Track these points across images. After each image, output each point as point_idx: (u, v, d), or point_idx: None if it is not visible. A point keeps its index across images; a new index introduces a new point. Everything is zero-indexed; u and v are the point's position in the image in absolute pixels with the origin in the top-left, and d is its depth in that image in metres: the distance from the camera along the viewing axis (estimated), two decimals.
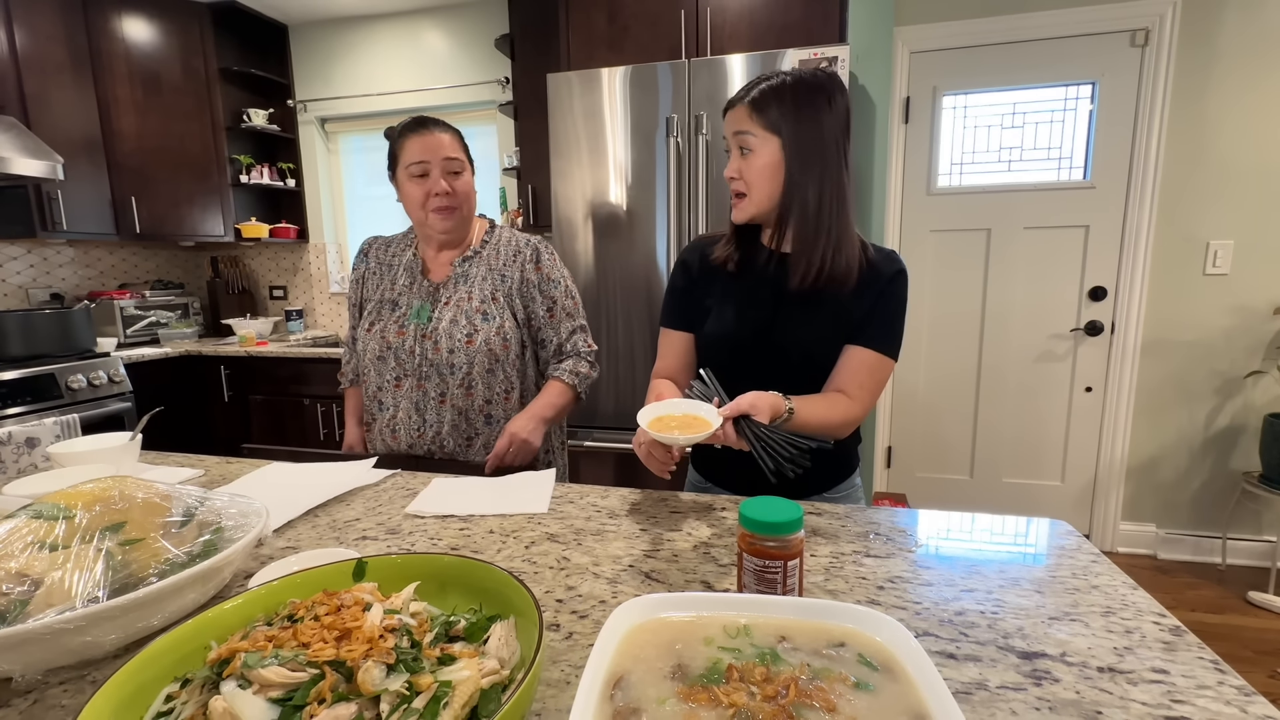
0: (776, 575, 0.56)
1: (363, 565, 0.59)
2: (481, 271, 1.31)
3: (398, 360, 1.28)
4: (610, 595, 0.66)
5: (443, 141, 1.24)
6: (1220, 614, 2.26)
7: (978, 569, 0.71)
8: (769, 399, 0.84)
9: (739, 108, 0.98)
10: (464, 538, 0.82)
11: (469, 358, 1.25)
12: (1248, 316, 2.45)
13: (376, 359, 1.30)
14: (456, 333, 1.25)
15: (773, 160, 0.97)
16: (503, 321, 1.28)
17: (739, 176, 0.99)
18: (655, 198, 2.11)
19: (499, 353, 1.28)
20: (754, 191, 0.98)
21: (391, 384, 1.30)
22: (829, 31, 2.06)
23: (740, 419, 0.81)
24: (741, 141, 0.97)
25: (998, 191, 2.66)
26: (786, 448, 0.79)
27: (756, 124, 0.96)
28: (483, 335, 1.26)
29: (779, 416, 0.85)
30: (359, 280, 1.40)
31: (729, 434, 0.81)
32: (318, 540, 0.82)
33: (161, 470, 1.12)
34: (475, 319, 1.27)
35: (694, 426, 0.81)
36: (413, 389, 1.28)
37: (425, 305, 1.29)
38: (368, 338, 1.31)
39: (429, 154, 1.23)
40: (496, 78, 3.13)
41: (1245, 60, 2.35)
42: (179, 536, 0.64)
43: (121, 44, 2.91)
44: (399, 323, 1.29)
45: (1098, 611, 0.62)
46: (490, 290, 1.30)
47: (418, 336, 1.27)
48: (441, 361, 1.26)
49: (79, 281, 3.18)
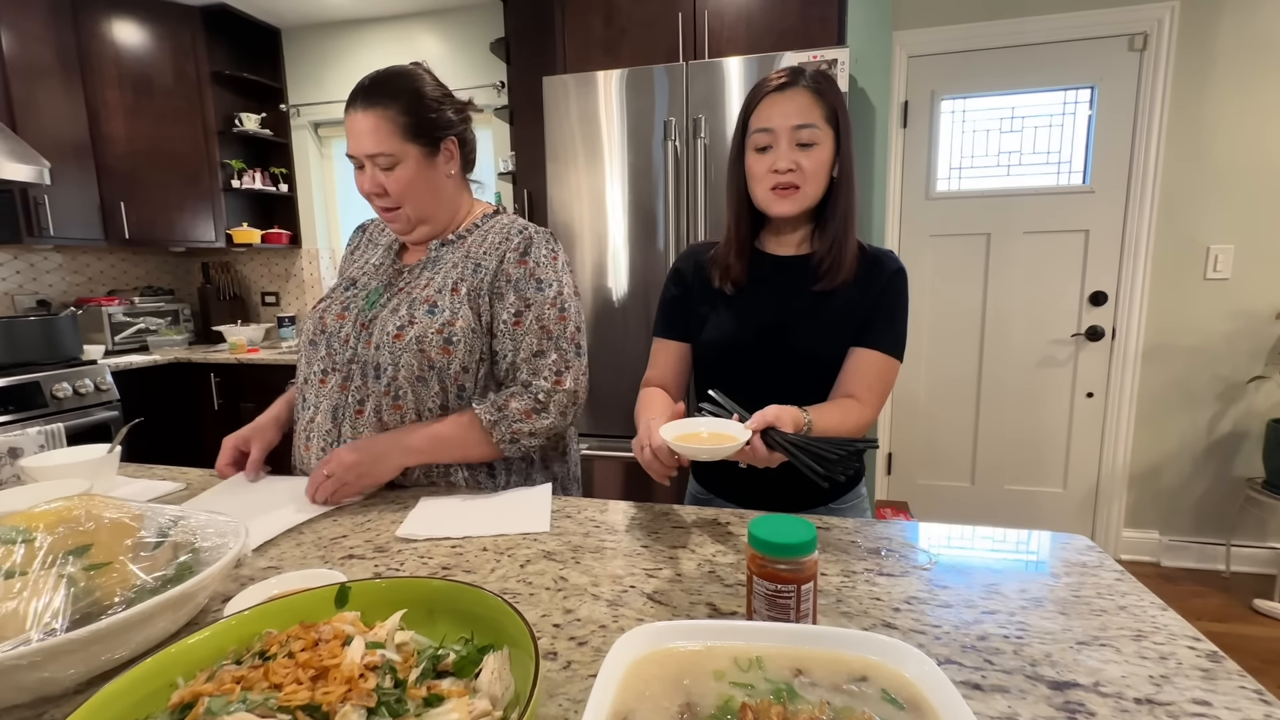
0: (789, 600, 0.53)
1: (345, 591, 0.55)
2: (456, 257, 1.05)
3: (329, 349, 1.04)
4: (611, 620, 0.62)
5: (364, 132, 0.96)
6: (1226, 622, 2.23)
7: (997, 588, 0.67)
8: (790, 411, 0.80)
9: (797, 94, 0.92)
10: (456, 556, 0.78)
11: (394, 357, 0.98)
12: (1249, 321, 2.43)
13: (309, 343, 1.07)
14: (390, 324, 1.00)
15: (830, 155, 0.94)
16: (453, 318, 0.99)
17: (796, 168, 0.93)
18: (654, 202, 2.08)
19: (435, 357, 0.98)
20: (810, 185, 0.94)
21: (316, 377, 1.05)
22: (827, 34, 2.04)
23: (768, 431, 0.77)
24: (805, 136, 0.92)
25: (997, 196, 2.64)
26: (833, 450, 0.74)
27: (819, 114, 0.92)
28: (416, 330, 0.98)
29: (799, 429, 0.82)
30: (345, 258, 1.22)
31: (759, 448, 0.76)
32: (302, 560, 0.78)
33: (142, 483, 1.08)
34: (418, 310, 1.00)
35: (720, 443, 0.77)
36: (335, 389, 1.03)
37: (378, 289, 1.07)
38: (308, 316, 1.10)
39: (355, 147, 0.98)
40: (492, 82, 3.11)
41: (1243, 64, 2.34)
42: (150, 559, 0.60)
43: (111, 47, 2.87)
44: (344, 304, 1.07)
45: (1128, 635, 0.58)
46: (455, 279, 1.02)
47: (357, 325, 1.03)
48: (369, 359, 1.00)
49: (66, 288, 3.12)
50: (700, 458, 0.76)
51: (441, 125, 1.02)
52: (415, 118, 0.99)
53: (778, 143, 0.93)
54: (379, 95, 0.97)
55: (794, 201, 0.95)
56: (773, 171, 0.94)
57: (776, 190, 0.95)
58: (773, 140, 0.93)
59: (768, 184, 0.95)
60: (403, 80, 0.99)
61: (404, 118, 0.98)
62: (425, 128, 1.00)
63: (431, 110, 1.01)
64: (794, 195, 0.94)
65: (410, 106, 0.99)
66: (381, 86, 0.98)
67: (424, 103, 1.00)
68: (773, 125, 0.93)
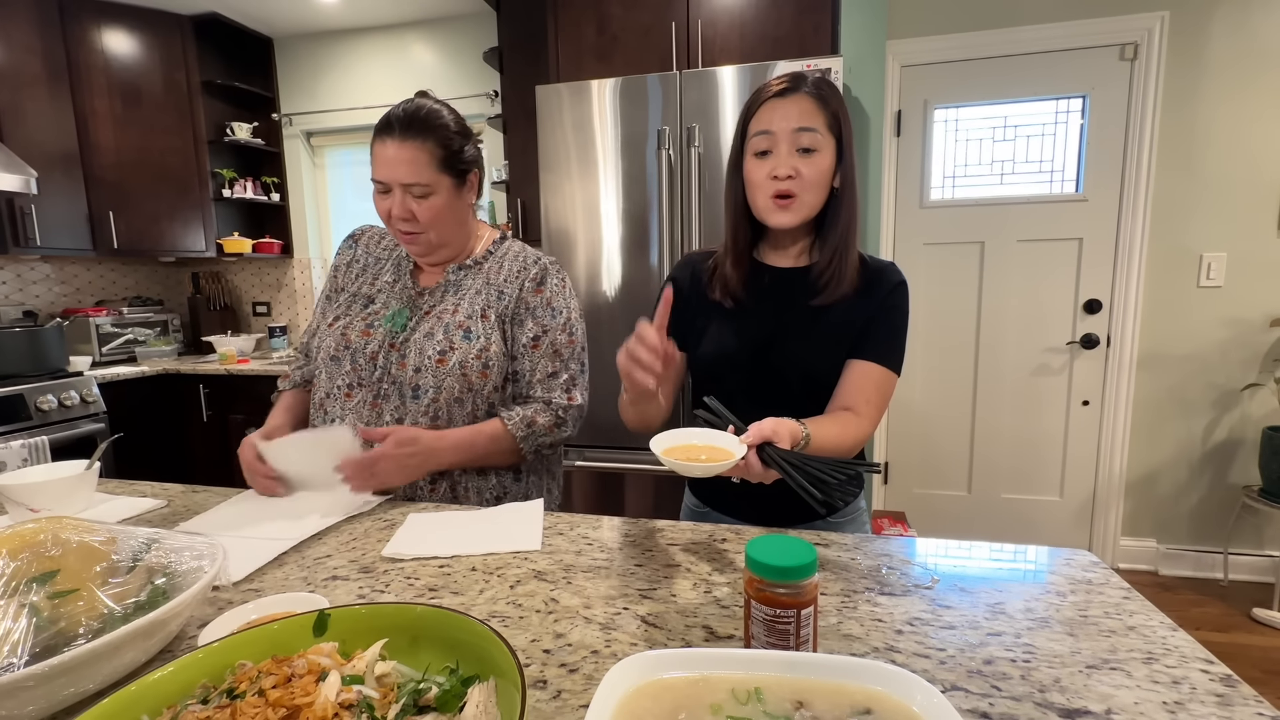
0: (789, 625, 0.51)
1: (325, 618, 0.52)
2: (477, 284, 1.12)
3: (354, 365, 1.08)
4: (603, 645, 0.60)
5: (401, 161, 1.01)
6: (1226, 632, 2.22)
7: (1001, 608, 0.65)
8: (788, 425, 0.78)
9: (799, 99, 0.90)
10: (444, 576, 0.75)
11: (437, 381, 1.05)
12: (1243, 329, 2.44)
13: (330, 358, 1.09)
14: (429, 348, 1.05)
15: (831, 164, 0.92)
16: (488, 344, 1.07)
17: (796, 175, 0.91)
18: (648, 212, 2.07)
19: (475, 380, 1.06)
20: (809, 194, 0.92)
21: (342, 392, 1.08)
22: (820, 43, 2.04)
23: (763, 447, 0.75)
24: (806, 141, 0.90)
25: (990, 204, 2.65)
26: (831, 473, 0.71)
27: (821, 120, 0.90)
28: (459, 355, 1.05)
29: (797, 443, 0.79)
30: (340, 268, 1.21)
31: (753, 465, 0.73)
32: (283, 581, 0.75)
33: (121, 501, 1.04)
34: (454, 335, 1.07)
35: (713, 457, 0.74)
36: (365, 405, 1.07)
37: (404, 310, 1.11)
38: (327, 333, 1.11)
39: (387, 174, 1.03)
40: (485, 91, 3.10)
41: (1232, 73, 2.36)
42: (121, 586, 0.58)
43: (100, 56, 2.85)
44: (368, 322, 1.10)
45: (1138, 658, 0.56)
46: (482, 305, 1.10)
47: (385, 344, 1.07)
48: (405, 380, 1.06)
49: (54, 298, 3.08)
50: (691, 474, 0.73)
51: (468, 159, 1.09)
52: (448, 151, 1.05)
53: (777, 147, 0.91)
54: (419, 129, 1.03)
55: (792, 212, 0.92)
56: (772, 178, 0.91)
57: (775, 200, 0.92)
58: (772, 144, 0.91)
59: (767, 191, 0.92)
60: (437, 116, 1.05)
61: (440, 151, 1.04)
62: (456, 161, 1.07)
63: (461, 145, 1.07)
64: (792, 205, 0.92)
65: (445, 140, 1.05)
66: (420, 121, 1.03)
67: (456, 137, 1.07)
68: (773, 129, 0.91)
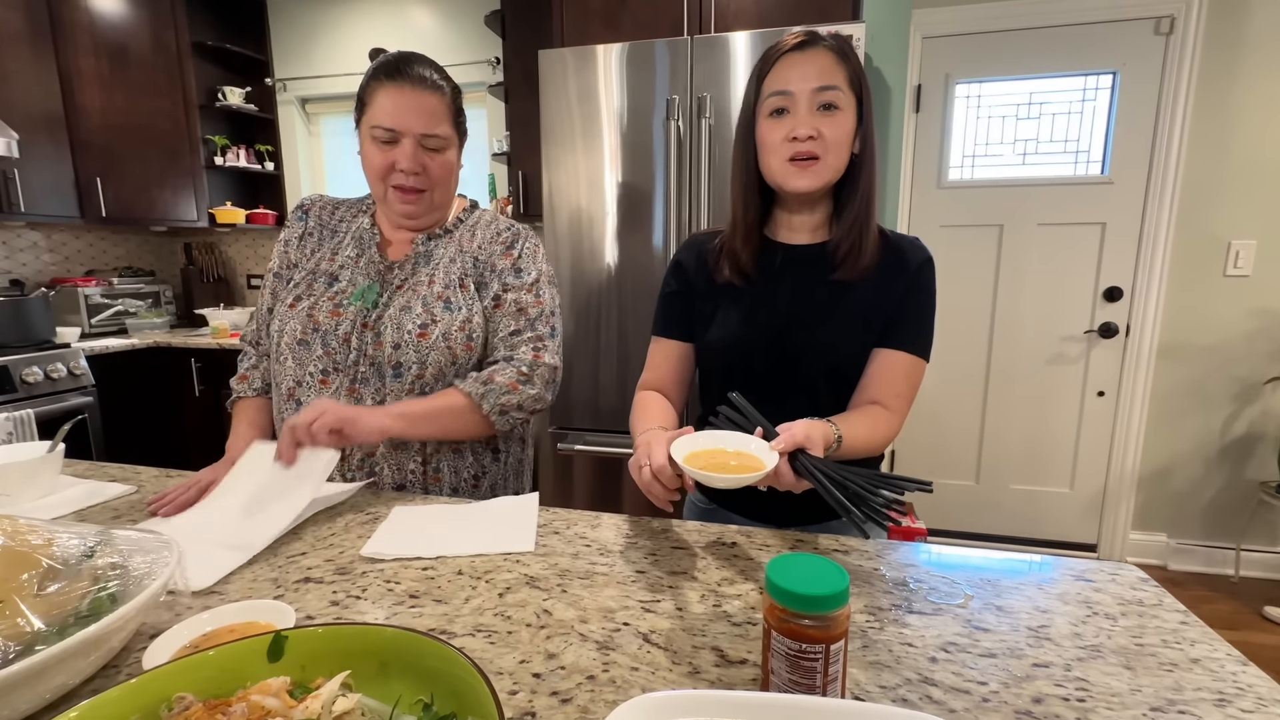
0: (815, 663, 0.44)
1: (281, 642, 0.45)
2: (450, 252, 1.04)
3: (326, 349, 0.99)
4: (600, 669, 0.53)
5: (422, 110, 0.94)
6: (1237, 630, 2.17)
7: (1045, 632, 0.59)
8: (820, 428, 0.70)
9: (819, 54, 0.82)
10: (427, 581, 0.69)
11: (420, 355, 0.97)
12: (1270, 320, 2.35)
13: (298, 343, 0.99)
14: (407, 323, 0.97)
15: (853, 124, 0.84)
16: (470, 314, 1.01)
17: (818, 136, 0.82)
18: (654, 186, 1.97)
19: (460, 353, 0.99)
20: (832, 156, 0.83)
21: (315, 379, 0.99)
22: (842, 8, 1.92)
23: (795, 454, 0.67)
24: (829, 98, 0.82)
25: (1011, 186, 2.54)
26: (874, 491, 0.63)
27: (842, 76, 0.82)
28: (441, 328, 0.98)
29: (829, 446, 0.72)
30: (291, 242, 1.09)
31: (785, 475, 0.66)
32: (250, 584, 0.68)
33: (89, 485, 0.98)
34: (435, 307, 0.99)
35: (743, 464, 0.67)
36: (342, 391, 0.99)
37: (373, 285, 1.01)
38: (289, 315, 1.01)
39: (401, 122, 0.94)
40: (486, 58, 2.97)
41: (1274, 52, 2.23)
42: (54, 597, 0.51)
43: (85, 14, 2.73)
44: (335, 301, 1.00)
45: (1209, 699, 0.49)
46: (459, 274, 1.03)
47: (357, 324, 0.99)
48: (384, 360, 0.98)
49: (42, 267, 3.00)
50: (716, 485, 0.66)
51: (463, 119, 1.05)
52: (457, 106, 1.03)
53: (796, 107, 0.82)
54: (436, 78, 0.98)
55: (814, 174, 0.84)
56: (790, 140, 0.82)
57: (794, 162, 0.83)
58: (790, 104, 0.83)
59: (784, 154, 0.83)
60: (442, 69, 1.01)
61: (454, 105, 1.01)
62: (461, 118, 1.04)
63: (462, 106, 1.04)
64: (814, 167, 0.83)
65: (455, 95, 1.02)
66: (433, 69, 0.99)
67: (459, 94, 1.04)
68: (791, 88, 0.82)
